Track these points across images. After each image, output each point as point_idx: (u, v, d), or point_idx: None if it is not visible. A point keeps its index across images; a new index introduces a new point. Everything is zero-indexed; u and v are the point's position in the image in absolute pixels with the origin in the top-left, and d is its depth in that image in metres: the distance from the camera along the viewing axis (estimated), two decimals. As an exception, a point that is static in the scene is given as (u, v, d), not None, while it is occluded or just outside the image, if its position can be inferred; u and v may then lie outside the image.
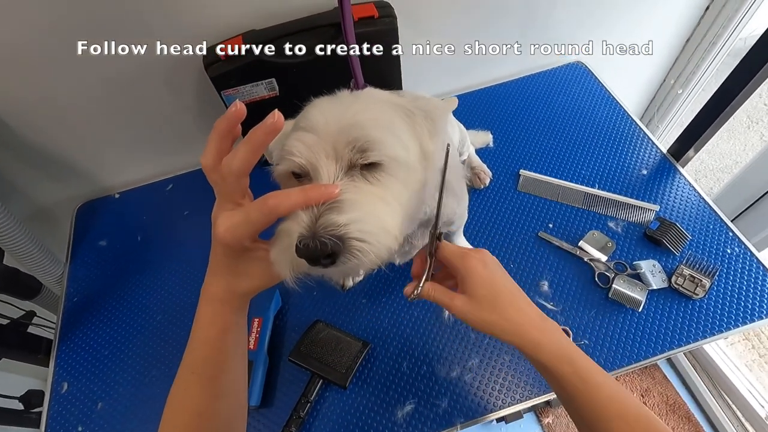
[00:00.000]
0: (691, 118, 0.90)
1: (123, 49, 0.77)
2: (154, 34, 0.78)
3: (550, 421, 1.45)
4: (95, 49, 0.75)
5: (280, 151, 0.41)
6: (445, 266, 0.50)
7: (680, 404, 1.43)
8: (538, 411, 1.47)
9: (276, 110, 0.34)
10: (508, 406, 0.70)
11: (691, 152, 0.92)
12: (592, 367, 0.45)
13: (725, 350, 1.40)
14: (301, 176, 0.41)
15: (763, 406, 1.29)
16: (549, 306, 0.77)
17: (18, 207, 0.96)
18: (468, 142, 0.91)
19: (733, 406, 1.36)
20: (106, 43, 0.76)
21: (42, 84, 0.80)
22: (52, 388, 0.78)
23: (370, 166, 0.39)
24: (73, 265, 0.93)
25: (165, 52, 0.80)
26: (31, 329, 0.99)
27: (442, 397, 0.71)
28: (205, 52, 0.80)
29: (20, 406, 0.96)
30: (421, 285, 0.47)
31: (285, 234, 0.36)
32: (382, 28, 0.81)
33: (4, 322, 0.98)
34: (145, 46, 0.78)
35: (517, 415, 1.06)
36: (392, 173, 0.39)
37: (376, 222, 0.36)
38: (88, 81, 0.82)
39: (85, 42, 0.74)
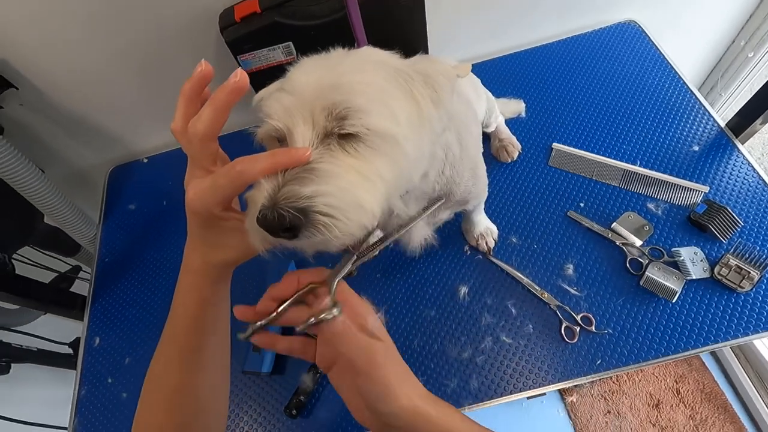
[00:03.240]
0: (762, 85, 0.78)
1: (143, 17, 0.76)
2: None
3: (574, 400, 1.42)
4: (120, 17, 0.75)
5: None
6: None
7: (718, 393, 1.36)
8: (562, 389, 1.44)
9: (239, 69, 0.31)
10: (519, 391, 0.68)
11: (758, 124, 0.81)
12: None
13: (774, 341, 1.30)
14: (281, 141, 0.38)
15: (811, 404, 1.20)
16: (572, 291, 0.73)
17: (55, 170, 1.01)
18: (497, 112, 0.85)
19: (778, 401, 1.27)
20: (128, 8, 0.75)
21: (75, 55, 0.81)
22: (86, 341, 0.84)
23: (350, 136, 0.35)
24: (105, 227, 0.98)
25: (183, 16, 0.79)
26: (77, 283, 1.07)
27: (452, 377, 0.70)
28: (221, 15, 0.78)
29: (70, 351, 1.05)
30: (334, 311, 0.35)
31: (252, 203, 0.34)
32: (407, -14, 0.75)
33: (52, 276, 1.07)
34: (163, 8, 0.77)
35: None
36: (375, 146, 0.35)
37: (348, 196, 0.33)
38: (114, 49, 0.82)
39: (110, 9, 0.74)
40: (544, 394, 0.70)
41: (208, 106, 0.32)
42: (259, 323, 0.37)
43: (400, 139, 0.36)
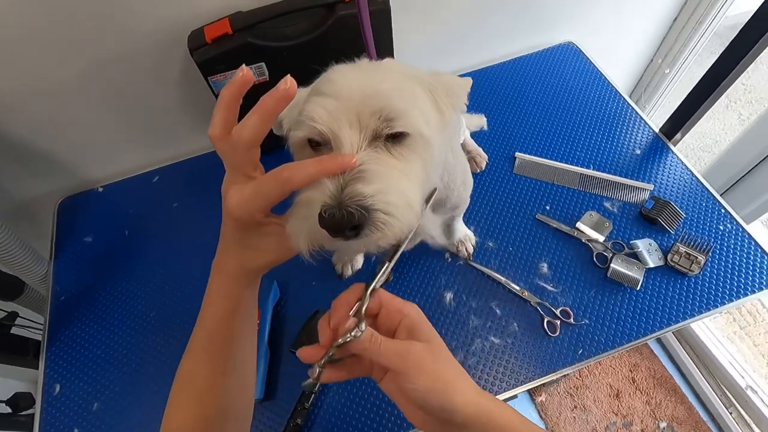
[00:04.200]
0: (678, 98, 0.90)
1: (103, 34, 0.73)
2: (135, 15, 0.73)
3: (543, 400, 1.48)
4: (74, 35, 0.71)
5: (296, 117, 0.39)
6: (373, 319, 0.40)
7: (667, 378, 1.48)
8: (531, 390, 1.50)
9: (288, 75, 0.32)
10: (513, 388, 0.71)
11: (678, 135, 0.93)
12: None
13: (708, 324, 1.45)
14: (319, 144, 0.39)
15: (743, 377, 1.34)
16: (549, 287, 0.78)
17: (-5, 203, 0.91)
18: (463, 126, 0.90)
19: (716, 378, 1.41)
20: (85, 28, 0.72)
21: (18, 72, 0.75)
22: (44, 390, 0.76)
23: (394, 139, 0.37)
24: (58, 262, 0.89)
25: (148, 37, 0.76)
26: (14, 331, 0.95)
27: (447, 381, 0.71)
28: (189, 36, 0.76)
29: (8, 410, 0.93)
30: (359, 330, 0.35)
31: (305, 203, 0.34)
32: (375, 8, 0.79)
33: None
34: (126, 29, 0.74)
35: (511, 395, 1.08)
36: (414, 148, 0.38)
37: (401, 196, 0.34)
38: (67, 68, 0.77)
39: (64, 27, 0.70)
40: (515, 396, 0.73)
41: (254, 113, 0.32)
42: (323, 361, 0.36)
43: (432, 142, 0.38)
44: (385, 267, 0.39)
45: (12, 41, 0.70)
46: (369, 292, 0.38)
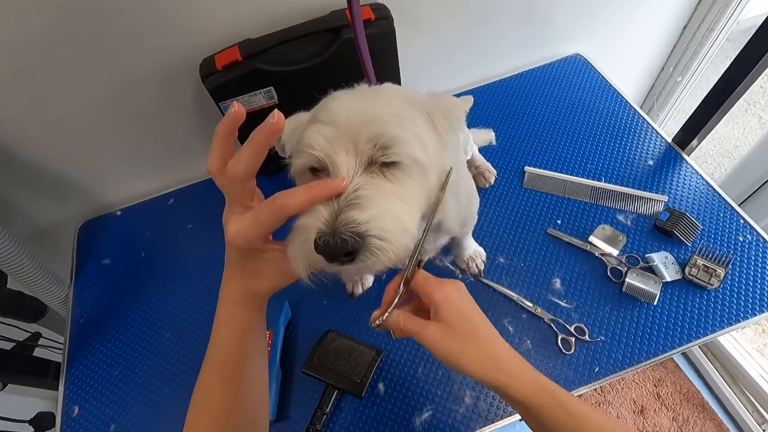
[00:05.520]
0: (692, 106, 0.89)
1: (119, 64, 0.76)
2: (149, 47, 0.77)
3: (565, 417, 1.44)
4: (91, 64, 0.74)
5: (296, 144, 0.40)
6: (418, 297, 0.46)
7: (694, 393, 1.43)
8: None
9: (276, 110, 0.33)
10: (528, 408, 0.69)
11: (694, 142, 0.91)
12: (574, 399, 0.43)
13: (736, 336, 1.39)
14: (319, 171, 0.40)
15: (776, 391, 1.28)
16: (563, 303, 0.76)
17: (18, 229, 0.95)
18: (471, 141, 0.90)
19: (747, 393, 1.35)
20: (100, 58, 0.75)
21: (37, 102, 0.78)
22: (63, 412, 0.77)
23: (389, 164, 0.38)
24: (78, 285, 0.92)
25: (162, 66, 0.79)
26: (38, 351, 0.98)
27: (460, 402, 0.70)
28: (201, 64, 0.79)
29: (31, 430, 0.95)
30: (389, 311, 0.42)
31: (302, 229, 0.35)
32: (379, 30, 0.80)
33: (9, 345, 0.98)
34: (140, 59, 0.77)
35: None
36: (410, 173, 0.39)
37: (395, 220, 0.35)
38: (84, 98, 0.80)
39: (79, 58, 0.73)
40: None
41: (246, 147, 0.33)
42: (387, 312, 0.43)
43: (428, 167, 0.39)
44: (408, 262, 0.43)
45: (30, 69, 0.73)
46: (402, 282, 0.43)
